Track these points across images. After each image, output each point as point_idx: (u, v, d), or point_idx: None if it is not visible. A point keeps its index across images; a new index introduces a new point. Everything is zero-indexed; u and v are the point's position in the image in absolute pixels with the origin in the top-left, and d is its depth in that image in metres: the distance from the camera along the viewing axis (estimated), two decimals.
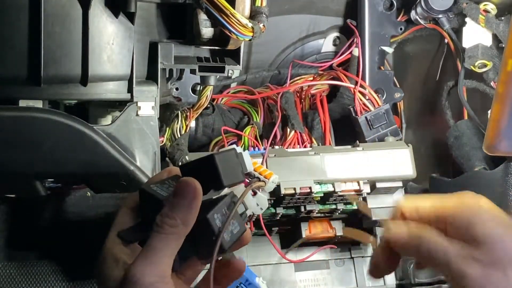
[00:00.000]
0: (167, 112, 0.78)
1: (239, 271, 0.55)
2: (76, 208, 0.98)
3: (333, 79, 1.00)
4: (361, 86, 0.96)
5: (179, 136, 0.76)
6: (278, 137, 0.93)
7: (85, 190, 0.96)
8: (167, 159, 0.82)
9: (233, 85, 1.03)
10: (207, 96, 0.81)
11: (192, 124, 0.88)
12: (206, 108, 0.89)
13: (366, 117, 0.92)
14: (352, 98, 0.97)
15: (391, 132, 0.93)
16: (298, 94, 1.00)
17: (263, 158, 0.84)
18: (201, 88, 0.82)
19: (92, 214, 0.98)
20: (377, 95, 0.96)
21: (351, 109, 0.94)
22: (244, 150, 0.89)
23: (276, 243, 0.94)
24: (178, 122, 0.77)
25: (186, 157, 0.75)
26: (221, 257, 0.53)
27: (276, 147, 0.89)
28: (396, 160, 0.88)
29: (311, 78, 1.02)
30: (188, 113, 0.77)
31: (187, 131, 0.77)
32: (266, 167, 0.84)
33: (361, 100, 0.94)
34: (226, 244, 0.50)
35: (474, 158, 0.90)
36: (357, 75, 0.98)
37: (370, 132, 0.93)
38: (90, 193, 0.97)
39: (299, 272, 0.95)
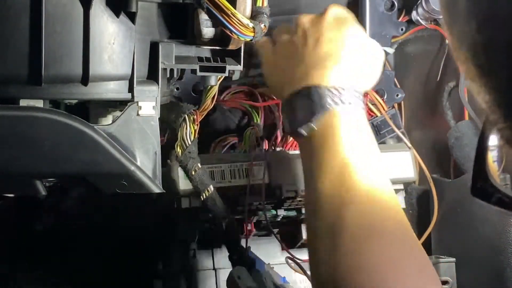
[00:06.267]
0: (172, 114, 0.78)
1: None
2: (76, 208, 0.98)
3: None
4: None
5: (189, 142, 0.75)
6: (279, 138, 0.93)
7: (85, 190, 0.96)
8: (168, 161, 0.82)
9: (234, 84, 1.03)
10: (212, 98, 0.81)
11: None
12: None
13: (372, 123, 0.92)
14: None
15: (398, 136, 0.93)
16: None
17: (264, 160, 0.84)
18: (206, 90, 0.82)
19: (92, 214, 0.98)
20: (382, 99, 0.96)
21: None
22: (244, 151, 0.88)
23: (277, 245, 0.94)
24: (187, 127, 0.76)
25: (199, 164, 0.75)
26: None
27: (277, 149, 0.89)
28: (397, 163, 0.88)
29: None
30: (195, 116, 0.76)
31: (196, 136, 0.76)
32: (268, 170, 0.83)
33: (366, 104, 0.94)
34: None
35: None
36: None
37: (376, 137, 0.92)
38: (90, 193, 0.97)
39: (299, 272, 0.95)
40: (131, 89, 0.68)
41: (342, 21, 0.74)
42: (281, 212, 0.88)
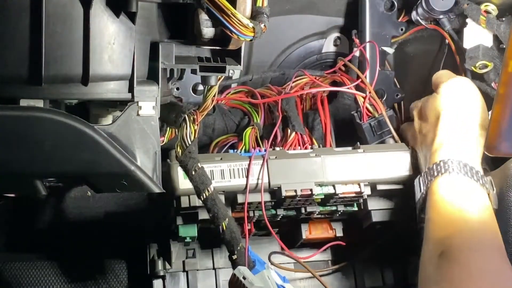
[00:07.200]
0: (172, 114, 0.78)
1: None
2: (76, 208, 0.98)
3: (336, 83, 1.00)
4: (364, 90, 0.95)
5: (189, 142, 0.75)
6: (279, 138, 0.93)
7: (85, 190, 0.96)
8: (168, 160, 0.82)
9: (234, 84, 1.03)
10: (212, 98, 0.81)
11: None
12: None
13: (370, 123, 0.92)
14: (353, 98, 0.97)
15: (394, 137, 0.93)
16: (299, 95, 1.00)
17: (263, 159, 0.84)
18: (206, 90, 0.82)
19: (92, 214, 0.98)
20: (380, 100, 0.95)
21: (355, 114, 0.94)
22: (245, 152, 0.88)
23: (277, 244, 0.94)
24: (187, 127, 0.76)
25: (199, 164, 0.75)
26: None
27: (277, 148, 0.89)
28: (396, 162, 0.88)
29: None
30: (195, 116, 0.76)
31: (196, 136, 0.76)
32: (267, 169, 0.83)
33: (364, 104, 0.94)
34: None
35: None
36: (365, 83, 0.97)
37: (373, 138, 0.93)
38: (90, 193, 0.97)
39: (299, 272, 0.95)
40: (131, 89, 0.68)
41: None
42: (281, 212, 0.88)
